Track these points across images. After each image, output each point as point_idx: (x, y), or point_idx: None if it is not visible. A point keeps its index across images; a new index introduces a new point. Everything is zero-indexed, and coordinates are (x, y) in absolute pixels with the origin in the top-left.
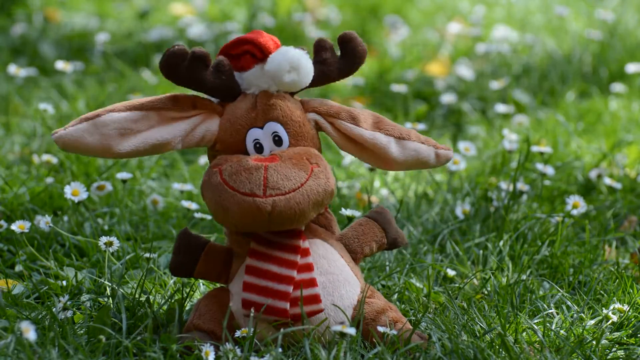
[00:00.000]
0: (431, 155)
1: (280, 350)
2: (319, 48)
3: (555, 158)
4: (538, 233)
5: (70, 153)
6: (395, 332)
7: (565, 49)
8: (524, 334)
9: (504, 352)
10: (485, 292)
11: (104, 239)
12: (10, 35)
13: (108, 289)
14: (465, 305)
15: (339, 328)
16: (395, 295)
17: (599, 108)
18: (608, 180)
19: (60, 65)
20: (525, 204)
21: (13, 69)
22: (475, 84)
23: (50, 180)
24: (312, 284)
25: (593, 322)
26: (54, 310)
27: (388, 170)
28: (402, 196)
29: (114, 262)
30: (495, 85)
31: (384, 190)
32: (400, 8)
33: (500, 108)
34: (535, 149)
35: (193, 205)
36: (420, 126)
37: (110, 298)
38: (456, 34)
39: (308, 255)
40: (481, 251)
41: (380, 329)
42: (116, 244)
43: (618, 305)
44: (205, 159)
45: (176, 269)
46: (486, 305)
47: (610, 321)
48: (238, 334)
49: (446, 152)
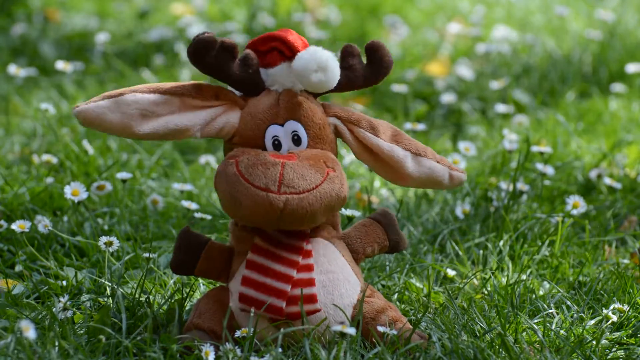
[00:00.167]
0: (445, 176)
1: (280, 350)
2: (346, 54)
3: (555, 158)
4: (538, 233)
5: (89, 128)
6: (395, 332)
7: (565, 49)
8: (524, 334)
9: (504, 352)
10: (485, 292)
11: (103, 239)
12: (10, 35)
13: (108, 289)
14: (465, 305)
15: (339, 328)
16: (395, 295)
17: (599, 108)
18: (608, 180)
19: (60, 65)
20: (525, 204)
21: (13, 69)
22: (475, 84)
23: (50, 180)
24: (310, 283)
25: (593, 322)
26: (54, 310)
27: (400, 186)
28: (402, 196)
29: (113, 262)
30: (495, 85)
31: (384, 190)
32: (400, 8)
33: (500, 108)
34: (535, 149)
35: (193, 205)
36: (420, 126)
37: (110, 298)
38: (456, 34)
39: (310, 256)
40: (481, 251)
41: (380, 329)
42: (116, 244)
43: (618, 305)
44: (205, 158)
45: (177, 267)
46: (486, 305)
47: (610, 321)
48: (238, 334)
49: (459, 175)
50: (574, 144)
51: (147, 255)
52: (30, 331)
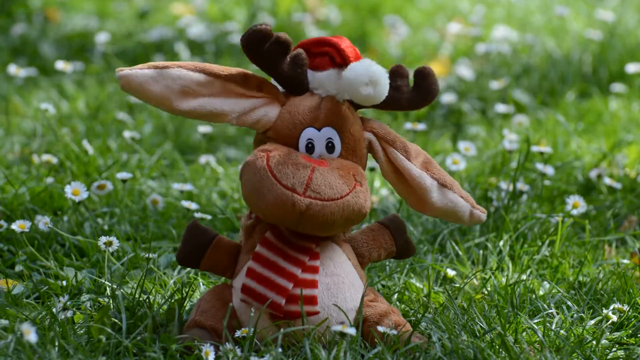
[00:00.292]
0: (466, 213)
1: (280, 350)
2: (395, 74)
3: (555, 158)
4: (538, 233)
5: (127, 93)
6: (395, 332)
7: (565, 49)
8: (524, 334)
9: (504, 352)
10: (485, 292)
11: (103, 239)
12: (10, 35)
13: (108, 289)
14: (465, 305)
15: (339, 328)
16: (395, 295)
17: (599, 108)
18: (608, 180)
19: (60, 65)
20: (525, 204)
21: (13, 69)
22: (475, 84)
23: (50, 180)
24: (313, 285)
25: (593, 322)
26: (54, 310)
27: (420, 212)
28: None
29: (113, 262)
30: (495, 85)
31: (384, 190)
32: (400, 8)
33: (500, 108)
34: (535, 149)
35: (193, 205)
36: (421, 126)
37: (110, 298)
38: (456, 34)
39: (317, 258)
40: (481, 251)
41: (380, 329)
42: (116, 243)
43: (618, 305)
44: (205, 158)
45: (183, 259)
46: (486, 305)
47: (610, 321)
48: (238, 334)
49: (480, 214)
50: (574, 144)
51: (147, 255)
52: (31, 334)
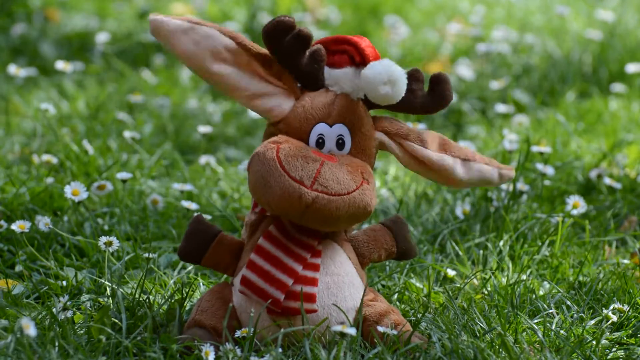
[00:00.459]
0: (495, 175)
1: (280, 350)
2: (411, 77)
3: (555, 158)
4: (538, 233)
5: (156, 38)
6: (395, 332)
7: (565, 49)
8: (524, 334)
9: (504, 352)
10: (485, 292)
11: (103, 239)
12: (10, 35)
13: (108, 289)
14: (465, 305)
15: (339, 328)
16: (395, 295)
17: (599, 108)
18: (608, 180)
19: (60, 65)
20: (525, 204)
21: (13, 69)
22: (475, 84)
23: (50, 180)
24: (313, 283)
25: (593, 322)
26: (54, 310)
27: (454, 188)
28: (402, 196)
29: (113, 262)
30: (495, 85)
31: (384, 190)
32: (400, 8)
33: (500, 108)
34: (535, 149)
35: (193, 205)
36: (421, 126)
37: (110, 298)
38: (456, 34)
39: (318, 256)
40: (481, 251)
41: (380, 329)
42: (116, 243)
43: (618, 305)
44: (205, 158)
45: (185, 255)
46: (486, 305)
47: (610, 321)
48: (238, 334)
49: (508, 173)
50: (574, 144)
51: (147, 255)
52: (30, 329)
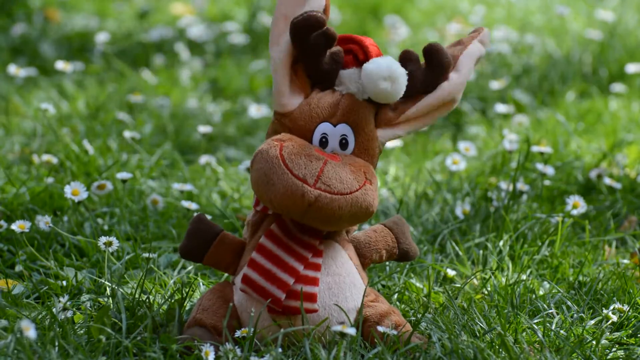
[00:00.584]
0: (480, 48)
1: (280, 350)
2: (404, 60)
3: (555, 158)
4: (538, 233)
5: None
6: (395, 333)
7: (565, 49)
8: (524, 334)
9: (504, 352)
10: (485, 292)
11: (103, 239)
12: (10, 35)
13: (108, 289)
14: (465, 305)
15: (339, 328)
16: (395, 295)
17: (599, 108)
18: (608, 180)
19: (60, 65)
20: (525, 204)
21: (13, 69)
22: (475, 84)
23: (50, 180)
24: (314, 282)
25: (593, 322)
26: (54, 310)
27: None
28: (402, 196)
29: (113, 262)
30: (495, 85)
31: (384, 190)
32: (400, 8)
33: (500, 108)
34: (535, 149)
35: (193, 205)
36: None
37: (110, 298)
38: (456, 34)
39: (320, 256)
40: (481, 251)
41: (380, 329)
42: (115, 244)
43: (618, 305)
44: (205, 158)
45: (186, 253)
46: (486, 305)
47: (610, 321)
48: (238, 333)
49: (482, 34)
50: (574, 144)
51: (147, 255)
52: (30, 331)
